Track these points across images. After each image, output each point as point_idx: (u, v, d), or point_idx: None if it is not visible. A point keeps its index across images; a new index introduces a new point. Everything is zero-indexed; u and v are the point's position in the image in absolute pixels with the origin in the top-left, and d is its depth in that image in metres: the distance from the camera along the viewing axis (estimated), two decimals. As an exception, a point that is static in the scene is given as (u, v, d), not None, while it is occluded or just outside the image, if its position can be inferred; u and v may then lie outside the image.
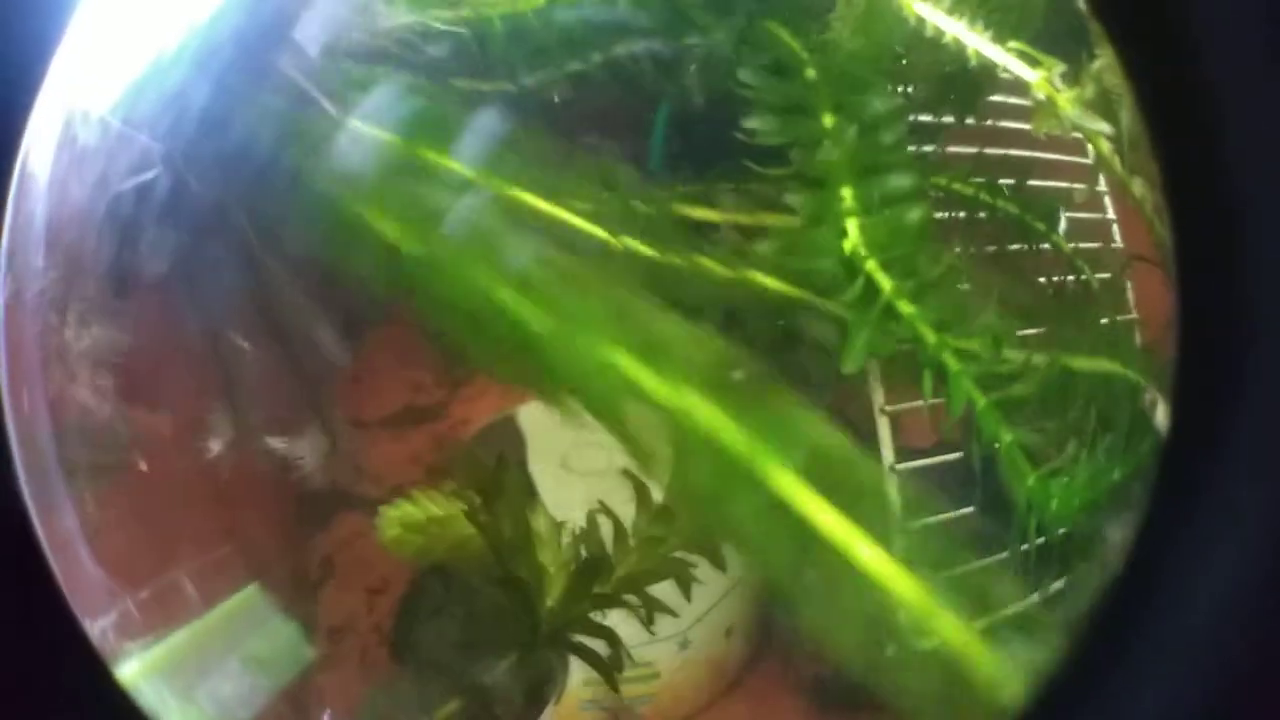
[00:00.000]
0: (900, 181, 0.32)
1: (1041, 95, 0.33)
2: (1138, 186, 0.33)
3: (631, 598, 0.33)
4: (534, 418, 0.40)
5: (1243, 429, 0.20)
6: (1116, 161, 0.34)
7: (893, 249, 0.31)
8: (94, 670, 0.25)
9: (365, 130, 0.33)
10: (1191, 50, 0.18)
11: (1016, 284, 0.37)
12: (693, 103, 0.36)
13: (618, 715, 0.41)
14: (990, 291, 0.32)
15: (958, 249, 0.37)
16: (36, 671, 0.24)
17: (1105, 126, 0.33)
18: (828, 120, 0.32)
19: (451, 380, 0.42)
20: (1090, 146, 0.35)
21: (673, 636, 0.39)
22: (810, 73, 0.33)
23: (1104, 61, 0.32)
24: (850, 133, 0.32)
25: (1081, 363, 0.33)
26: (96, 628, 0.28)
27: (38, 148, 0.28)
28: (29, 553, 0.25)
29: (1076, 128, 0.33)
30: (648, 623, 0.34)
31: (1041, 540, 0.31)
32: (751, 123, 0.32)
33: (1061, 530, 0.31)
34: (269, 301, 0.35)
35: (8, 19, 0.23)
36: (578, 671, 0.36)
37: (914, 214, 0.32)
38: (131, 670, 0.29)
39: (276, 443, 0.37)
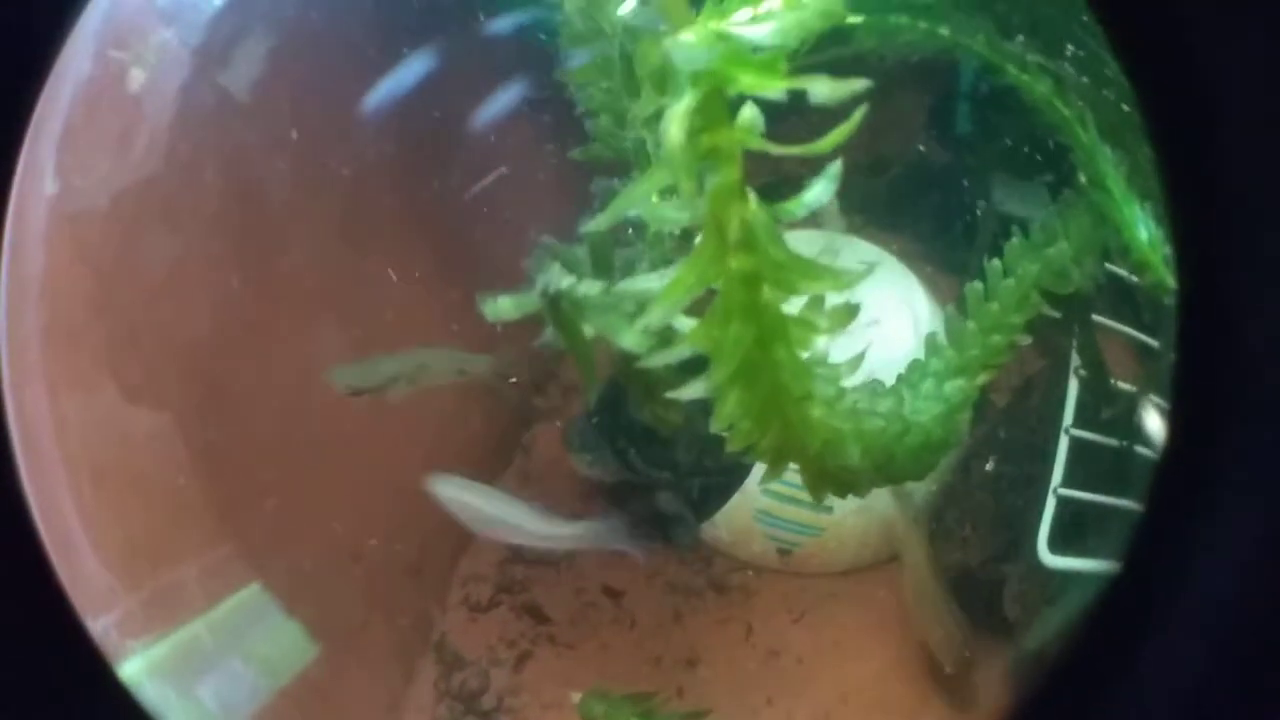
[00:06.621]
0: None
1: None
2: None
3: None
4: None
5: (1244, 431, 0.20)
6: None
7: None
8: (96, 668, 0.25)
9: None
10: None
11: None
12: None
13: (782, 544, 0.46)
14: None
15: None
16: (38, 670, 0.24)
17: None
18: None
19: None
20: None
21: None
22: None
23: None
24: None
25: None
26: (99, 626, 0.28)
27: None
28: (31, 551, 0.25)
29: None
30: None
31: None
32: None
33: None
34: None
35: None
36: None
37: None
38: (134, 668, 0.29)
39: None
